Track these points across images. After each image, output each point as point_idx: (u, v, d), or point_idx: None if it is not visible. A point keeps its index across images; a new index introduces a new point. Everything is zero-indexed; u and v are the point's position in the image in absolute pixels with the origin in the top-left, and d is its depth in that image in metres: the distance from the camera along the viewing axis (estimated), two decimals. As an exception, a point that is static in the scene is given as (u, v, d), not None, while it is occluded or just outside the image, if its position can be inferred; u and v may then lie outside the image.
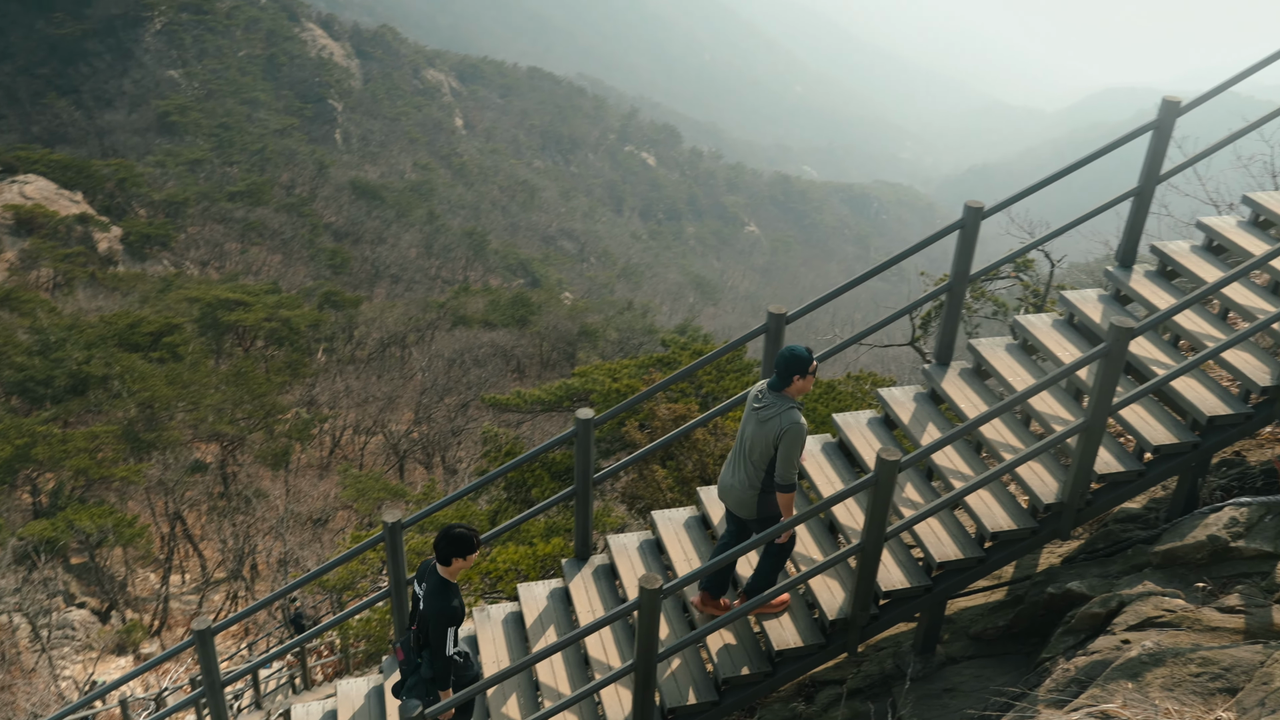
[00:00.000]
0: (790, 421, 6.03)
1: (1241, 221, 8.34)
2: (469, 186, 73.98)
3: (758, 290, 75.71)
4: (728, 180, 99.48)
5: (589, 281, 63.98)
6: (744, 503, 6.39)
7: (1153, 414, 7.00)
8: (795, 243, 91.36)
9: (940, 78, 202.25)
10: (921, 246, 7.78)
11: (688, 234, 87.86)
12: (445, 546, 5.57)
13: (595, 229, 78.26)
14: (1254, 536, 6.08)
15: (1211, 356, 6.64)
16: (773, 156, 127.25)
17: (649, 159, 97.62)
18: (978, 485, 6.35)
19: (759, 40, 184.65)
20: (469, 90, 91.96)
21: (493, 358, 35.48)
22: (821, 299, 7.43)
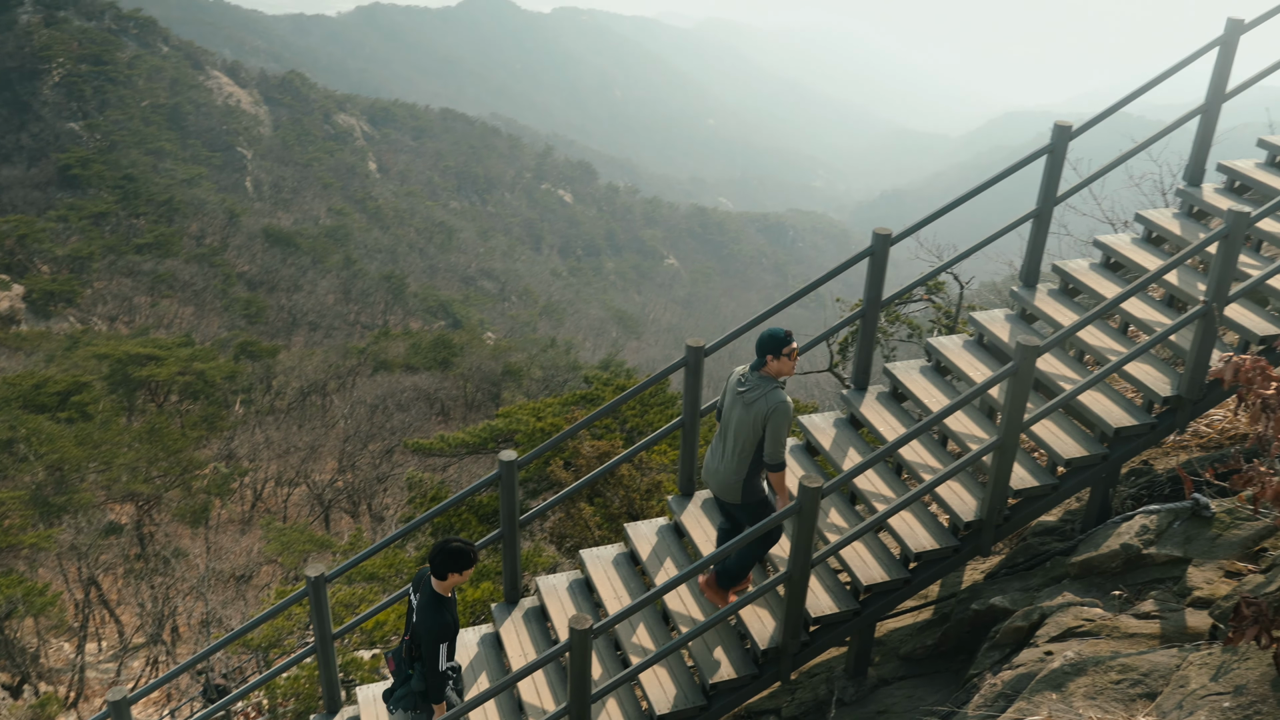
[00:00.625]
0: (777, 400, 6.15)
1: (1136, 238, 8.66)
2: (385, 230, 73.34)
3: (680, 322, 76.17)
4: (645, 214, 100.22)
5: (511, 320, 63.75)
6: (729, 487, 6.43)
7: (1063, 428, 7.19)
8: (715, 273, 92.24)
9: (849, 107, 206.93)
10: (834, 274, 7.92)
11: (608, 269, 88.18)
12: (441, 560, 5.45)
13: (515, 268, 78.11)
14: (1164, 543, 6.26)
15: (1115, 370, 6.86)
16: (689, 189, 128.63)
17: (566, 196, 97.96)
18: (899, 507, 6.45)
19: (670, 75, 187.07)
20: (381, 134, 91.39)
21: (416, 402, 35.06)
22: (737, 330, 7.51)
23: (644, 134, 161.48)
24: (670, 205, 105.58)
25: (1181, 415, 7.06)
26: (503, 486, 7.04)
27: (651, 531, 7.69)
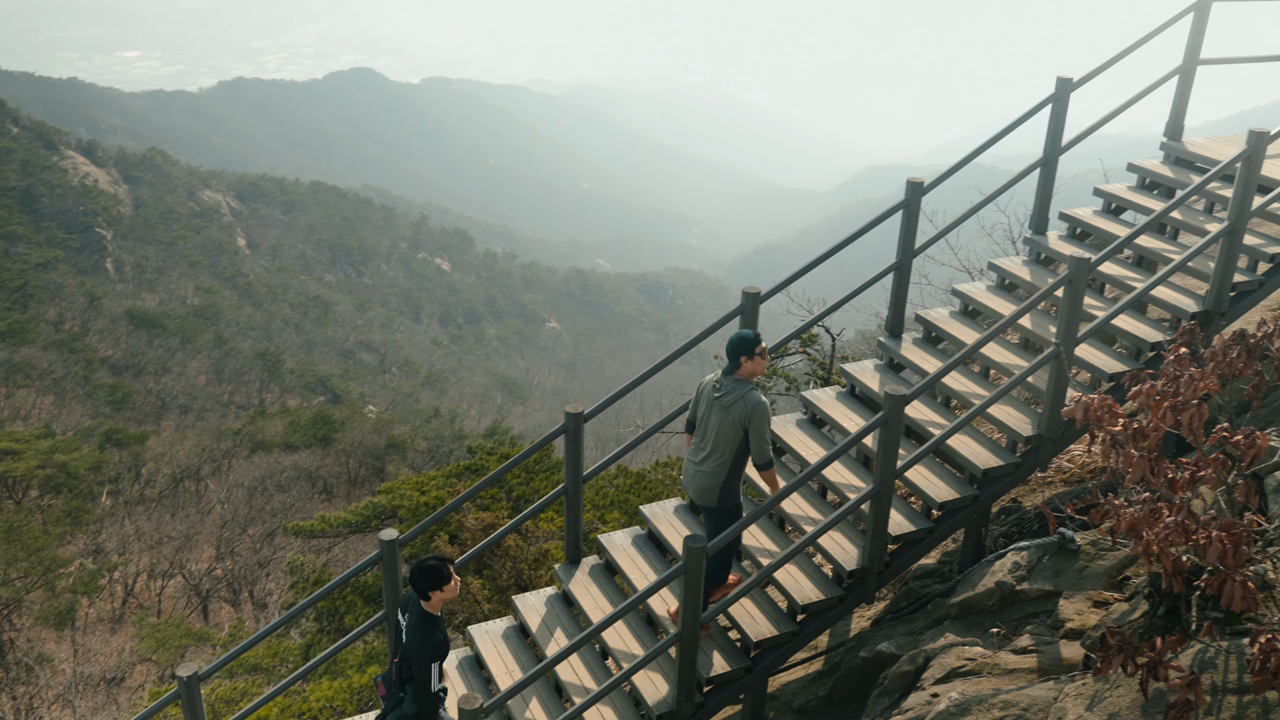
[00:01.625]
0: (754, 401, 6.36)
1: (990, 286, 9.07)
2: (258, 307, 71.49)
3: (564, 385, 76.04)
4: (524, 279, 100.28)
5: (393, 393, 62.64)
6: (707, 490, 6.60)
7: (935, 473, 7.42)
8: (597, 335, 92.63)
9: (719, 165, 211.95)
10: (709, 333, 8.08)
11: (489, 335, 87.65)
12: (420, 582, 5.50)
13: (395, 339, 76.96)
14: (1036, 578, 6.49)
15: (979, 413, 7.13)
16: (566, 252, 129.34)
17: (443, 264, 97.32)
18: (784, 561, 6.54)
19: (541, 141, 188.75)
20: (250, 209, 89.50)
21: (297, 481, 33.96)
22: (614, 395, 7.55)
23: (519, 199, 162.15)
24: (549, 269, 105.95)
25: (1043, 453, 7.36)
26: (384, 567, 6.88)
27: (540, 602, 7.60)
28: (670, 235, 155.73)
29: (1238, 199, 7.43)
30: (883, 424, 6.40)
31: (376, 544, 6.82)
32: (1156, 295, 7.99)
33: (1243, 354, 6.17)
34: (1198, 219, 8.78)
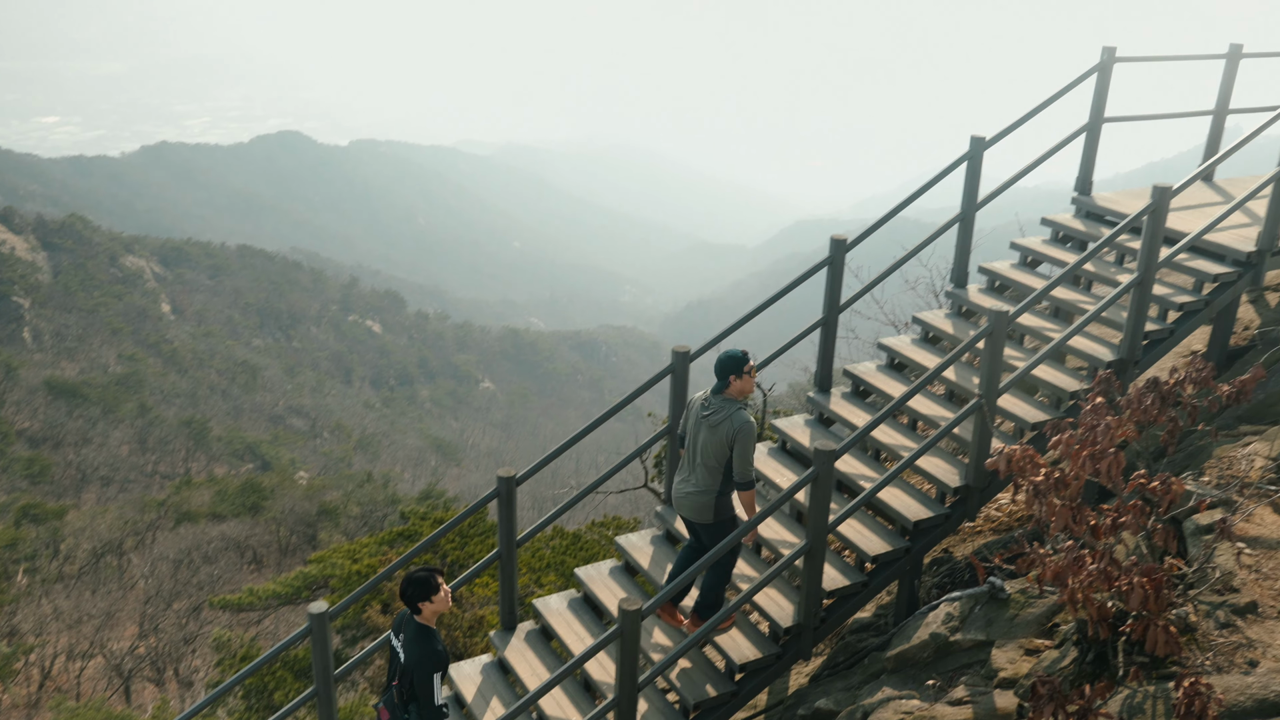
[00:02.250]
0: (741, 421, 6.51)
1: (915, 339, 9.24)
2: (183, 373, 69.98)
3: (500, 445, 75.39)
4: (457, 340, 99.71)
5: (324, 458, 61.49)
6: (701, 507, 6.73)
7: (867, 526, 7.48)
8: (532, 394, 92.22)
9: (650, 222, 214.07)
10: (641, 391, 8.09)
11: (422, 397, 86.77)
12: (410, 595, 5.52)
13: (326, 402, 75.78)
14: (968, 628, 6.55)
15: (908, 465, 7.22)
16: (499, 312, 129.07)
17: (374, 326, 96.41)
18: (719, 619, 6.51)
19: (473, 201, 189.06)
20: (175, 274, 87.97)
21: (225, 552, 33.03)
22: (547, 458, 7.51)
23: (451, 260, 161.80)
24: (482, 329, 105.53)
25: (971, 503, 7.47)
26: (314, 640, 6.70)
27: (476, 671, 7.46)
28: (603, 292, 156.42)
29: (1145, 251, 7.70)
30: (814, 479, 6.45)
31: (307, 616, 6.65)
32: (1074, 345, 8.21)
33: (1156, 401, 6.35)
34: (1110, 270, 9.08)
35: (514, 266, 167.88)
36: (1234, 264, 8.61)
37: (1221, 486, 6.72)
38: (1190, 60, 10.62)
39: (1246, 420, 7.92)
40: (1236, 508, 6.43)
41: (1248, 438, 7.57)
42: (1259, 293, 10.11)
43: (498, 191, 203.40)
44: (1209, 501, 6.32)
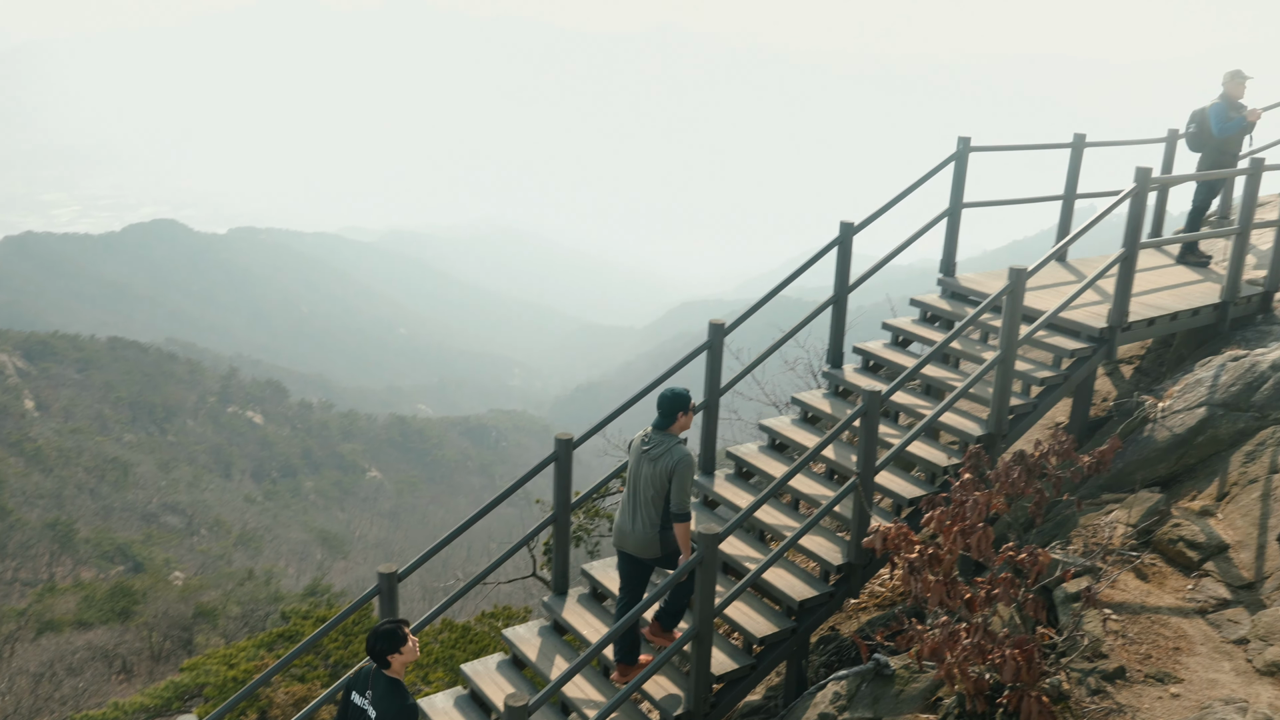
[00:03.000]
0: (681, 454, 6.70)
1: (795, 419, 9.43)
2: (48, 473, 66.49)
3: (388, 536, 73.46)
4: (342, 429, 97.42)
5: (202, 556, 58.88)
6: (648, 543, 6.83)
7: (754, 608, 7.52)
8: (420, 482, 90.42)
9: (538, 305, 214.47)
10: (528, 478, 8.05)
11: (306, 489, 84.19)
12: (380, 647, 5.43)
13: (203, 498, 72.83)
14: (856, 706, 6.59)
15: (791, 545, 7.32)
16: (386, 399, 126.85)
17: (255, 417, 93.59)
18: (609, 711, 6.42)
19: (356, 288, 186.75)
20: (39, 369, 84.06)
21: (91, 662, 31.10)
22: (432, 550, 7.37)
23: (335, 347, 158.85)
24: (368, 417, 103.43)
25: (855, 581, 7.59)
26: (183, 758, 6.36)
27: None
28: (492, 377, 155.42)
29: (1006, 330, 8.07)
30: (699, 564, 6.47)
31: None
32: (945, 421, 8.49)
33: (1023, 473, 6.60)
34: (976, 348, 9.46)
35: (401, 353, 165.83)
36: (1089, 339, 9.07)
37: (1087, 554, 6.98)
38: (1040, 149, 11.29)
39: (1108, 489, 8.27)
40: (1101, 575, 6.69)
41: (1109, 506, 7.90)
42: (1114, 366, 10.67)
43: (383, 278, 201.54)
44: (1075, 570, 6.55)
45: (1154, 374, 10.36)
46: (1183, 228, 11.71)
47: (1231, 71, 10.97)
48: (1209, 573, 7.03)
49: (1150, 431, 8.54)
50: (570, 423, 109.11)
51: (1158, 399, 8.93)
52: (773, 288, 9.28)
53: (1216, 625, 6.61)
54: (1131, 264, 8.86)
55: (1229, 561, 7.06)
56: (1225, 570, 7.00)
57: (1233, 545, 7.17)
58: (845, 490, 7.29)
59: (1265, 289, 10.13)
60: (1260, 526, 7.19)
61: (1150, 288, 10.17)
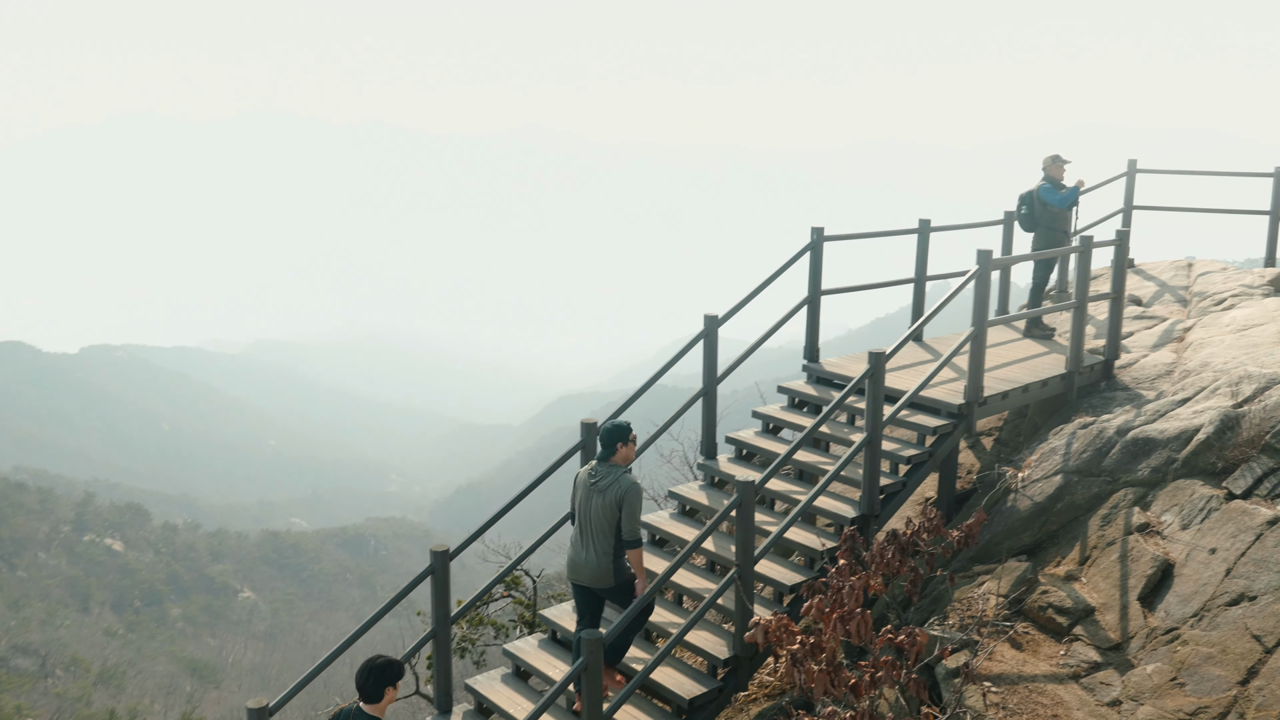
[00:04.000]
0: (628, 483, 7.04)
1: (673, 513, 9.44)
2: (-119, 622, 61.36)
3: (264, 660, 69.92)
4: (211, 549, 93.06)
5: (58, 699, 54.86)
6: (601, 573, 7.10)
7: (643, 709, 7.39)
8: (297, 599, 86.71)
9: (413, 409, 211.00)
10: (406, 593, 7.79)
11: (173, 616, 79.73)
12: (374, 681, 5.39)
13: (59, 636, 68.13)
14: (752, 804, 6.50)
15: (677, 643, 7.25)
16: (257, 515, 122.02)
17: (115, 545, 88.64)
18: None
19: (223, 402, 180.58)
20: None
21: (-66, 830, 28.50)
22: (304, 679, 7.04)
23: (201, 465, 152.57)
24: (239, 535, 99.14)
25: (742, 674, 7.55)
26: None
27: None
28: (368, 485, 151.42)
29: (870, 412, 8.30)
30: (583, 670, 6.35)
31: None
32: (820, 505, 8.63)
33: (897, 552, 6.72)
34: (844, 431, 9.69)
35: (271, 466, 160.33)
36: (949, 416, 9.40)
37: (964, 628, 7.12)
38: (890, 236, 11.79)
39: (978, 560, 8.50)
40: (978, 647, 6.82)
41: (981, 577, 8.11)
42: (975, 439, 11.06)
43: (250, 389, 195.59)
44: (953, 646, 6.67)
45: (1013, 444, 10.77)
46: (1026, 303, 12.36)
47: (1050, 156, 11.77)
48: (1079, 637, 7.26)
49: (1013, 501, 8.84)
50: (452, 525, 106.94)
51: (1017, 469, 9.28)
52: (646, 380, 9.38)
53: (1090, 689, 6.80)
54: (982, 341, 9.26)
55: (1096, 624, 7.30)
56: (1093, 633, 7.24)
57: (1098, 608, 7.43)
58: (726, 583, 7.30)
59: (1105, 357, 10.71)
60: (1121, 587, 7.47)
61: (1002, 362, 10.65)
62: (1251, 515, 7.41)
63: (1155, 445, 8.48)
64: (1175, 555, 7.52)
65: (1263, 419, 8.18)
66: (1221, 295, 12.51)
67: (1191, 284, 13.41)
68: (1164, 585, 7.38)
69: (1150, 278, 13.92)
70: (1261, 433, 8.05)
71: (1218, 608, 6.95)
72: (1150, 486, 8.25)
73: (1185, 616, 7.04)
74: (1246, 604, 6.86)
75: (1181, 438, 8.40)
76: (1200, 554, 7.39)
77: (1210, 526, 7.54)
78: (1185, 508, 7.83)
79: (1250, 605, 6.83)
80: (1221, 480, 7.95)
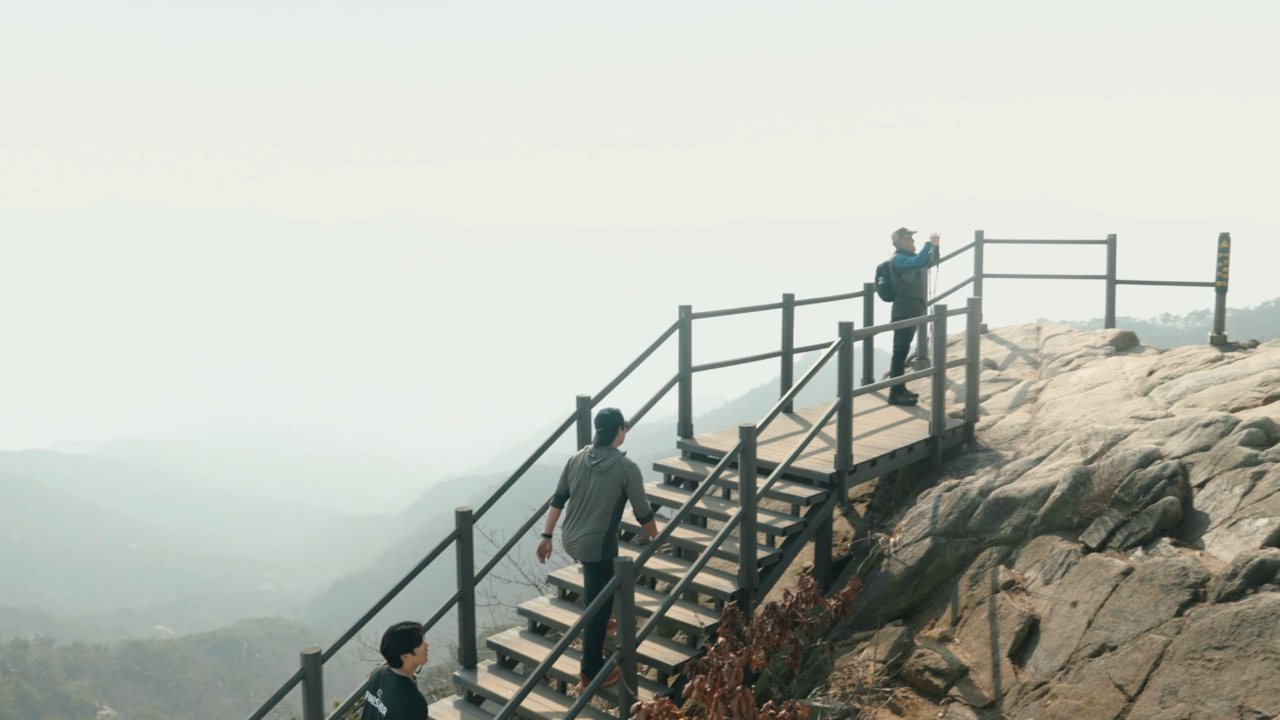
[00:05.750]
0: (630, 464, 7.75)
1: (554, 599, 9.31)
2: None
3: (128, 782, 65.57)
4: (66, 665, 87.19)
5: (-108, 844, 50.25)
6: (592, 546, 7.70)
7: (529, 806, 7.17)
8: (162, 713, 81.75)
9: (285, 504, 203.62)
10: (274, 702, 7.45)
11: (25, 741, 74.16)
12: (395, 647, 5.84)
13: (-106, 773, 62.65)
14: None
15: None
16: (118, 625, 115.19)
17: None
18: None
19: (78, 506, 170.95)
20: None
21: None
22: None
23: (54, 574, 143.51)
24: (98, 647, 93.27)
25: (628, 760, 7.41)
26: None
27: None
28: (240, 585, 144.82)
29: (744, 485, 8.39)
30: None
31: None
32: (699, 582, 8.63)
33: (776, 625, 6.76)
34: (720, 505, 9.76)
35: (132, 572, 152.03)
36: (821, 485, 9.58)
37: (845, 697, 7.18)
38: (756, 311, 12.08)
39: (856, 627, 8.61)
40: (859, 716, 6.88)
41: (860, 645, 8.21)
42: (849, 506, 11.28)
43: (108, 492, 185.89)
44: (834, 716, 6.70)
45: (885, 510, 11.03)
46: (889, 371, 12.77)
47: (898, 230, 12.32)
48: (955, 697, 7.39)
49: (887, 567, 9.02)
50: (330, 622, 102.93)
51: (889, 535, 9.49)
52: (521, 464, 9.28)
53: (969, 749, 6.90)
54: (849, 410, 9.51)
55: (971, 684, 7.45)
56: (969, 693, 7.38)
57: (971, 667, 7.59)
58: (607, 668, 7.20)
59: (966, 421, 11.12)
60: (992, 645, 7.66)
61: (870, 429, 10.94)
62: (1107, 567, 7.72)
63: (1016, 504, 8.79)
64: (1040, 610, 7.77)
65: (1111, 474, 8.59)
66: (1069, 356, 13.19)
67: (1041, 346, 14.10)
68: (1031, 641, 7.60)
69: (1003, 342, 14.58)
70: (1111, 487, 8.44)
71: (1082, 659, 7.18)
72: (1013, 544, 8.53)
73: (1053, 670, 7.25)
74: (1108, 654, 7.11)
75: (1039, 495, 8.74)
76: (1063, 608, 7.65)
77: (1070, 580, 7.82)
78: (1047, 563, 8.12)
79: (1112, 655, 7.09)
80: (1078, 535, 8.28)
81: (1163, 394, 10.78)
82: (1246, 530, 7.57)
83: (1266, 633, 6.54)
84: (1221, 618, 6.80)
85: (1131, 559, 7.73)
